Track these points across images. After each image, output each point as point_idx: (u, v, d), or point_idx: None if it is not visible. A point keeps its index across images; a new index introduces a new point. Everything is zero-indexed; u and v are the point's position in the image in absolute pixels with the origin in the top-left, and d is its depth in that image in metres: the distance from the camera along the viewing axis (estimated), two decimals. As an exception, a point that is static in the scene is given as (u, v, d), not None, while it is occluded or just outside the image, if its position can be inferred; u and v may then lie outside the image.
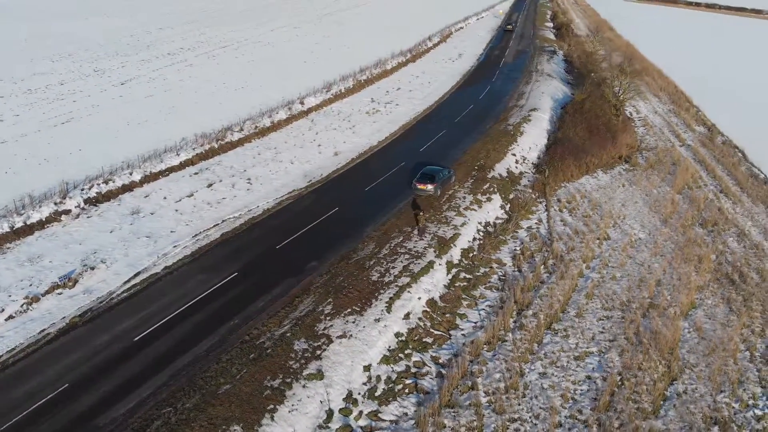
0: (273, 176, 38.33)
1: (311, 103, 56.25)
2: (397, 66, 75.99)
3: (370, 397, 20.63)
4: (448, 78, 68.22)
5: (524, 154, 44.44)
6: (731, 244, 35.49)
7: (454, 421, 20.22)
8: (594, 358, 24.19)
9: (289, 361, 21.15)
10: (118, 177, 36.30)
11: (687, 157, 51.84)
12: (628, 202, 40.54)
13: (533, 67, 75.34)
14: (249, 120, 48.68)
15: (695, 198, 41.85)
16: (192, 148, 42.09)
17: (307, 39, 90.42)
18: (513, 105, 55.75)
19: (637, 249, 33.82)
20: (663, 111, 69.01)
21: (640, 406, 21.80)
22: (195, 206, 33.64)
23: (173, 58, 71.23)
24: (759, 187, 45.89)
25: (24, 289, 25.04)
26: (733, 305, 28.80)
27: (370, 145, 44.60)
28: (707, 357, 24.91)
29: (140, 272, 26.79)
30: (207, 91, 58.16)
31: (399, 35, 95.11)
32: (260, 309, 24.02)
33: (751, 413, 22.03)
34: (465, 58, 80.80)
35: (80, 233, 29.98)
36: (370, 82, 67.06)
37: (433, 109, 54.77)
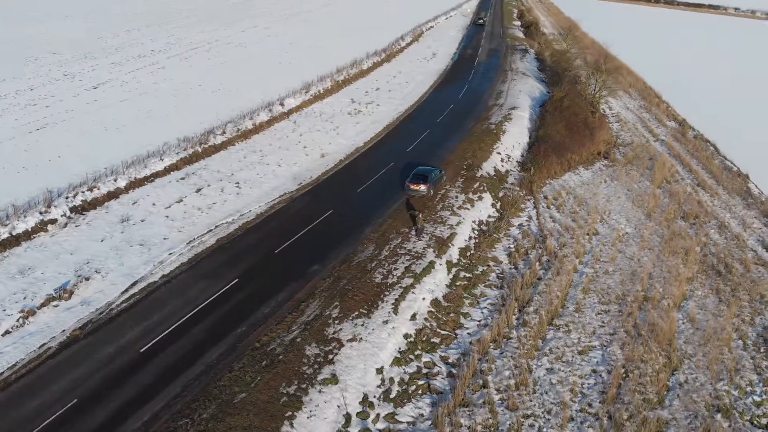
0: (262, 179, 37.93)
1: (291, 104, 55.83)
2: (373, 66, 75.99)
3: (385, 400, 20.65)
4: (425, 78, 68.55)
5: (508, 152, 45.01)
6: (713, 236, 36.62)
7: (470, 420, 20.40)
8: (597, 352, 24.70)
9: (303, 367, 21.00)
10: (102, 184, 35.41)
11: (662, 152, 53.24)
12: (611, 198, 41.45)
13: (507, 65, 76.30)
14: (231, 123, 48.04)
15: (674, 192, 43.05)
16: (176, 152, 41.31)
17: (279, 40, 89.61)
18: (493, 104, 56.39)
19: (626, 243, 34.62)
20: (634, 107, 70.68)
21: (645, 396, 22.36)
22: (186, 212, 33.06)
23: (144, 61, 69.72)
24: (733, 179, 47.40)
25: (18, 302, 24.23)
26: (722, 296, 29.76)
27: (356, 146, 44.52)
28: (703, 347, 25.67)
29: (138, 281, 26.21)
30: (183, 93, 57.14)
31: (370, 35, 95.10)
32: (267, 315, 23.77)
33: (750, 400, 22.82)
34: (439, 58, 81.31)
35: (70, 243, 29.15)
36: (348, 83, 66.90)
37: (414, 109, 54.97)
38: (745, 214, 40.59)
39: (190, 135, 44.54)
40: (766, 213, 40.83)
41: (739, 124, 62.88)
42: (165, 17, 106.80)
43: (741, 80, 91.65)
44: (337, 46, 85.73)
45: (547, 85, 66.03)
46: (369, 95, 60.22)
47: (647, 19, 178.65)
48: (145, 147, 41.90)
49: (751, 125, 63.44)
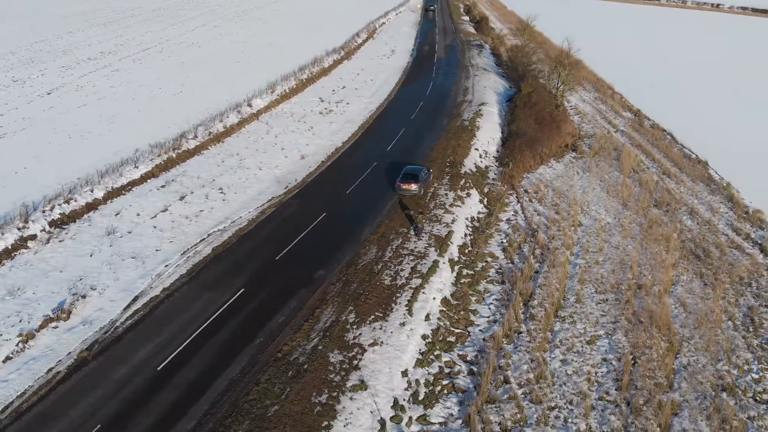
0: (245, 184, 37.12)
1: (259, 105, 54.79)
2: (334, 64, 75.45)
3: (414, 402, 20.72)
4: (389, 75, 68.63)
5: (485, 148, 45.73)
6: (686, 222, 38.41)
7: (499, 416, 20.73)
8: (604, 341, 25.52)
9: (330, 375, 20.78)
10: (79, 195, 33.82)
11: (625, 142, 55.26)
12: (587, 189, 42.77)
13: (467, 61, 77.33)
14: (201, 126, 46.73)
15: (644, 181, 44.82)
16: (150, 159, 39.86)
17: (232, 38, 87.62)
18: (461, 100, 57.07)
19: (609, 233, 35.84)
20: (590, 99, 73.00)
21: (656, 381, 23.29)
22: (173, 221, 32.00)
23: (96, 63, 66.77)
24: (694, 166, 49.76)
25: (14, 326, 22.90)
26: (706, 279, 31.29)
27: (334, 146, 44.17)
28: (698, 329, 26.94)
29: (138, 297, 25.23)
30: (144, 96, 55.12)
31: (323, 32, 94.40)
32: (282, 324, 23.36)
33: (749, 377, 24.13)
34: (399, 55, 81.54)
35: (57, 259, 27.72)
36: (312, 81, 66.21)
37: (385, 107, 55.00)
38: (711, 200, 42.74)
39: (161, 140, 43.09)
40: (729, 198, 43.11)
41: (693, 114, 65.87)
42: (109, 17, 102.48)
43: (692, 70, 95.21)
44: (293, 44, 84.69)
45: (508, 80, 67.33)
46: (337, 94, 59.80)
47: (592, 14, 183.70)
48: (114, 154, 40.29)
49: (704, 114, 66.49)
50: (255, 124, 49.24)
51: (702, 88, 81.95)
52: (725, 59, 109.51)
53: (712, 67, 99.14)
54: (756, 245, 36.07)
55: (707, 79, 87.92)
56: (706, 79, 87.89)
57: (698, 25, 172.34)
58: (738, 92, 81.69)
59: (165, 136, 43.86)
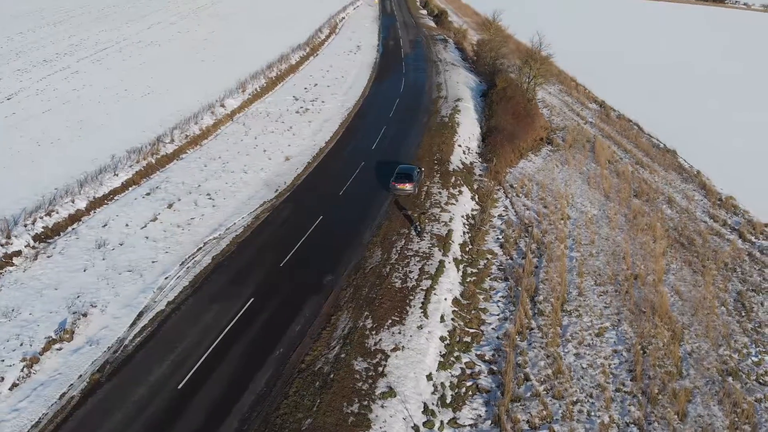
0: (233, 189, 36.23)
1: (232, 105, 53.56)
2: (301, 60, 74.41)
3: (443, 406, 20.74)
4: (359, 71, 68.16)
5: (467, 144, 46.02)
6: (666, 211, 39.66)
7: (526, 414, 20.99)
8: (611, 333, 26.13)
9: (357, 383, 20.55)
10: (60, 207, 32.33)
11: (596, 134, 56.58)
12: (569, 182, 43.60)
13: (434, 56, 77.56)
14: (177, 129, 45.31)
15: (620, 172, 46.02)
16: (129, 165, 38.42)
17: (192, 35, 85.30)
18: (437, 96, 57.20)
19: (598, 225, 36.66)
20: (555, 92, 74.40)
21: (666, 369, 24.03)
22: (165, 231, 30.95)
23: (53, 66, 63.81)
24: (663, 156, 51.38)
25: (15, 350, 21.71)
26: (694, 267, 32.41)
27: (318, 146, 43.59)
28: (695, 316, 27.90)
29: (143, 312, 24.32)
30: (110, 99, 53.04)
31: (285, 27, 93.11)
32: (300, 333, 22.94)
33: (749, 361, 25.16)
34: (365, 50, 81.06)
35: (49, 276, 26.41)
36: (281, 79, 65.15)
37: (361, 105, 54.60)
38: (685, 188, 44.24)
39: (137, 145, 41.64)
40: (702, 185, 44.74)
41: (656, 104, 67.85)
42: (58, 16, 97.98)
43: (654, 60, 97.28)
44: (255, 40, 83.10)
45: (477, 75, 67.86)
46: (310, 92, 58.99)
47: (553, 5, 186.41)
48: (89, 162, 38.72)
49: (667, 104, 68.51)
50: (232, 125, 48.07)
51: (664, 79, 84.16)
52: (690, 50, 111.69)
53: (676, 57, 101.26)
54: (734, 231, 37.56)
55: (670, 71, 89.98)
56: (669, 71, 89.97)
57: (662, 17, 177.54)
58: (701, 82, 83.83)
59: (141, 141, 42.40)
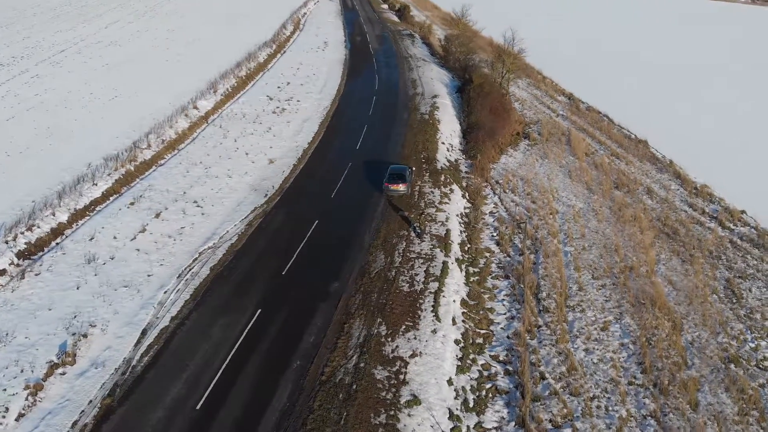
0: (220, 195, 35.29)
1: (206, 106, 52.23)
2: (269, 58, 73.12)
3: (467, 411, 20.71)
4: (331, 69, 67.39)
5: (450, 141, 46.10)
6: (647, 201, 40.61)
7: (548, 413, 21.17)
8: (616, 326, 26.61)
9: (381, 393, 20.30)
10: (41, 220, 30.83)
11: (569, 126, 57.47)
12: (551, 176, 44.15)
13: (403, 52, 77.35)
14: (152, 134, 43.84)
15: (598, 164, 46.89)
16: (107, 174, 36.99)
17: (152, 35, 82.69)
18: (413, 93, 57.04)
19: (586, 218, 37.25)
20: (524, 85, 75.21)
21: (673, 360, 24.63)
22: (156, 242, 29.91)
23: (11, 70, 60.80)
24: (636, 146, 52.52)
25: (16, 377, 20.61)
26: (682, 256, 33.29)
27: (301, 148, 42.88)
28: (690, 306, 28.67)
29: (146, 330, 23.43)
30: (77, 104, 50.92)
31: (247, 24, 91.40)
32: (315, 343, 22.50)
33: (747, 347, 26.01)
34: (333, 47, 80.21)
35: (40, 296, 25.15)
36: (251, 78, 63.87)
37: (339, 104, 53.99)
38: (661, 178, 45.37)
39: (112, 152, 40.16)
40: (676, 175, 45.99)
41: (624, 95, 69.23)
42: (9, 16, 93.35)
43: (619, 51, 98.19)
44: (218, 38, 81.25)
45: (448, 71, 67.99)
46: (283, 91, 57.98)
47: None
48: (64, 171, 37.14)
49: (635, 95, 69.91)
50: (210, 128, 46.81)
51: (631, 69, 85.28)
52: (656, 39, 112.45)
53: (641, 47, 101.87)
54: (713, 219, 38.74)
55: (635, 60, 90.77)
56: (634, 60, 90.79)
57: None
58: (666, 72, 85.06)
59: (116, 147, 40.89)
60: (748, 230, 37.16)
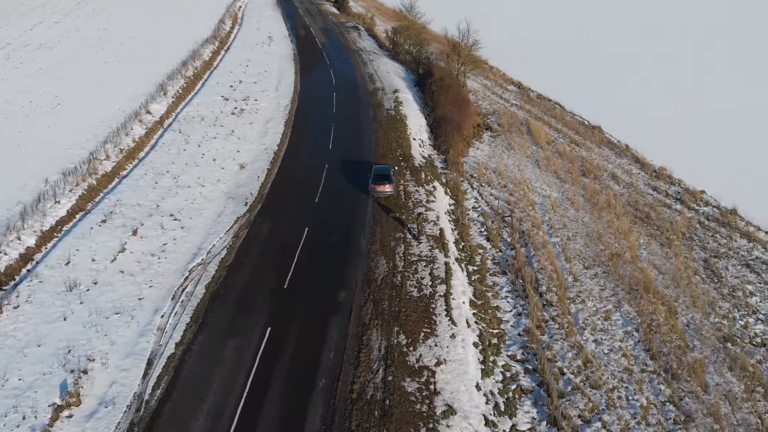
0: (197, 206, 33.62)
1: (159, 110, 49.67)
2: (213, 56, 70.38)
3: (500, 415, 20.67)
4: (281, 65, 65.54)
5: (419, 136, 45.87)
6: (614, 187, 41.91)
7: (575, 409, 21.44)
8: (616, 315, 27.31)
9: (415, 406, 19.90)
10: (6, 246, 28.34)
11: (525, 116, 58.48)
12: (521, 167, 44.81)
13: (353, 45, 76.27)
14: (108, 143, 41.20)
15: (561, 152, 47.97)
16: (69, 189, 34.51)
17: (84, 35, 77.73)
18: (373, 88, 56.30)
19: (563, 208, 38.03)
20: (472, 75, 75.97)
21: (675, 344, 25.53)
22: (140, 262, 28.12)
23: (-69, 79, 55.51)
24: (592, 132, 54.01)
25: (19, 425, 18.85)
26: (659, 240, 34.54)
27: (271, 150, 41.44)
28: (678, 288, 29.83)
29: (151, 360, 21.98)
30: (17, 114, 47.19)
31: (183, 19, 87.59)
32: (336, 359, 21.77)
33: (737, 325, 27.32)
34: (278, 41, 78.05)
35: (25, 331, 23.12)
36: (200, 78, 61.30)
37: (299, 102, 52.56)
38: (621, 163, 46.87)
39: (68, 165, 37.49)
40: (635, 159, 47.70)
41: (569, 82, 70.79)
42: None
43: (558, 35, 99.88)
44: (156, 35, 77.41)
45: (401, 64, 67.57)
46: (237, 90, 55.89)
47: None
48: (20, 189, 34.34)
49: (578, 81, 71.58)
50: (169, 134, 44.45)
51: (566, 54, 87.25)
52: None
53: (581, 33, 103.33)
54: (677, 201, 40.46)
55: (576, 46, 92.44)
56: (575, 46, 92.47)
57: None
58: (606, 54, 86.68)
59: (72, 160, 38.23)
60: (711, 210, 38.97)
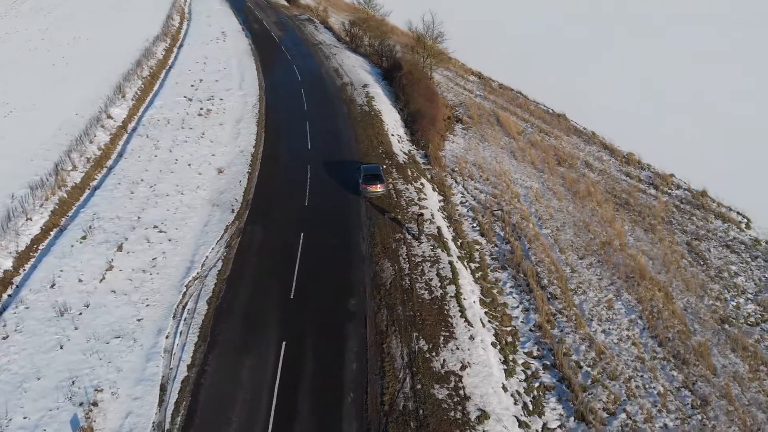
0: (180, 216, 32.17)
1: (121, 115, 47.32)
2: (167, 54, 67.62)
3: (530, 414, 20.72)
4: (241, 61, 63.55)
5: (397, 132, 45.44)
6: (590, 174, 42.79)
7: (598, 402, 21.73)
8: (618, 304, 27.86)
9: (449, 413, 19.67)
10: (-20, 272, 26.27)
11: (491, 107, 58.86)
12: (498, 159, 45.05)
13: (311, 39, 74.78)
14: (73, 152, 38.89)
15: (534, 142, 48.60)
16: (39, 205, 32.37)
17: (24, 36, 73.32)
18: (342, 83, 55.29)
19: (546, 198, 38.49)
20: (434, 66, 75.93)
21: (678, 329, 26.27)
22: (131, 279, 26.66)
23: None
24: (558, 121, 54.91)
25: (35, 471, 17.45)
26: (642, 225, 35.44)
27: (247, 152, 40.09)
28: (669, 273, 30.70)
29: (164, 385, 20.86)
30: (-38, 123, 43.86)
31: (124, 16, 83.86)
32: (360, 370, 21.24)
33: (730, 306, 28.35)
34: (233, 36, 75.64)
35: (20, 364, 21.51)
36: (156, 77, 58.82)
37: (267, 99, 51.06)
38: (591, 150, 47.64)
39: (33, 178, 35.19)
40: (603, 146, 48.84)
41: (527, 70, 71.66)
42: None
43: None
44: (102, 34, 74.08)
45: (364, 57, 66.72)
46: (199, 89, 53.82)
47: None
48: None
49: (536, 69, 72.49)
50: (136, 139, 42.30)
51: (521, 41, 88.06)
52: None
53: None
54: (650, 185, 41.66)
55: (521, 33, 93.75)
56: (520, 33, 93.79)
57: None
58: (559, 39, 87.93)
59: (36, 172, 35.91)
60: (682, 193, 40.31)
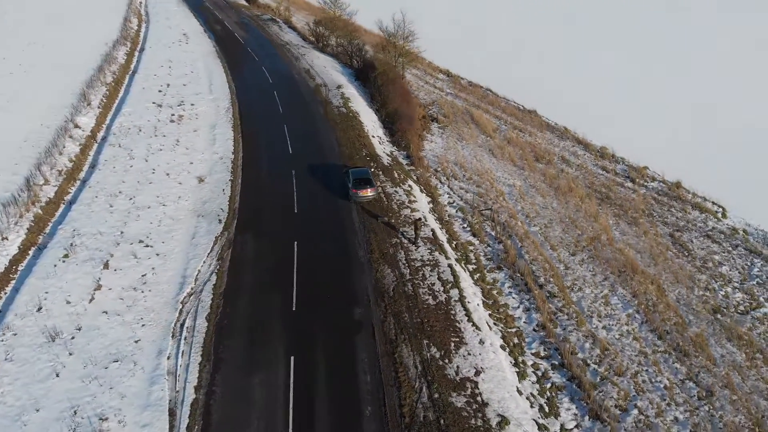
0: (165, 229, 31.06)
1: (88, 123, 45.50)
2: (129, 58, 65.33)
3: (546, 417, 20.78)
4: (207, 63, 61.92)
5: (377, 133, 45.06)
6: (568, 170, 43.43)
7: (609, 399, 22.00)
8: (614, 299, 28.30)
9: (470, 421, 19.55)
10: (-42, 298, 24.74)
11: (464, 105, 59.11)
12: (478, 157, 45.25)
13: (276, 39, 73.49)
14: (44, 165, 37.09)
15: (510, 139, 49.02)
16: (14, 223, 30.73)
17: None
18: (315, 84, 54.48)
19: (530, 195, 38.85)
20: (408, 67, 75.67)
21: (675, 321, 26.88)
22: (122, 298, 25.57)
23: None
24: (530, 117, 55.59)
25: None
26: (625, 219, 36.18)
27: (227, 159, 39.01)
28: (657, 266, 31.40)
29: (173, 410, 20.05)
30: None
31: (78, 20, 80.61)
32: (375, 382, 20.90)
33: (719, 296, 29.18)
34: (195, 38, 73.67)
35: (15, 395, 20.33)
36: (120, 83, 56.73)
37: (240, 103, 49.76)
38: (565, 146, 48.53)
39: (3, 194, 33.34)
40: (577, 141, 49.62)
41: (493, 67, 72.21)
42: None
43: None
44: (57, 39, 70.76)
45: (333, 58, 65.99)
46: (168, 95, 52.14)
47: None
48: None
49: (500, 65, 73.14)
50: (108, 149, 40.63)
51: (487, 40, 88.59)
52: None
53: None
54: (626, 178, 42.57)
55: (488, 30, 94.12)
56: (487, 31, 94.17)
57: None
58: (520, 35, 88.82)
59: (6, 188, 34.08)
60: (658, 185, 41.36)
